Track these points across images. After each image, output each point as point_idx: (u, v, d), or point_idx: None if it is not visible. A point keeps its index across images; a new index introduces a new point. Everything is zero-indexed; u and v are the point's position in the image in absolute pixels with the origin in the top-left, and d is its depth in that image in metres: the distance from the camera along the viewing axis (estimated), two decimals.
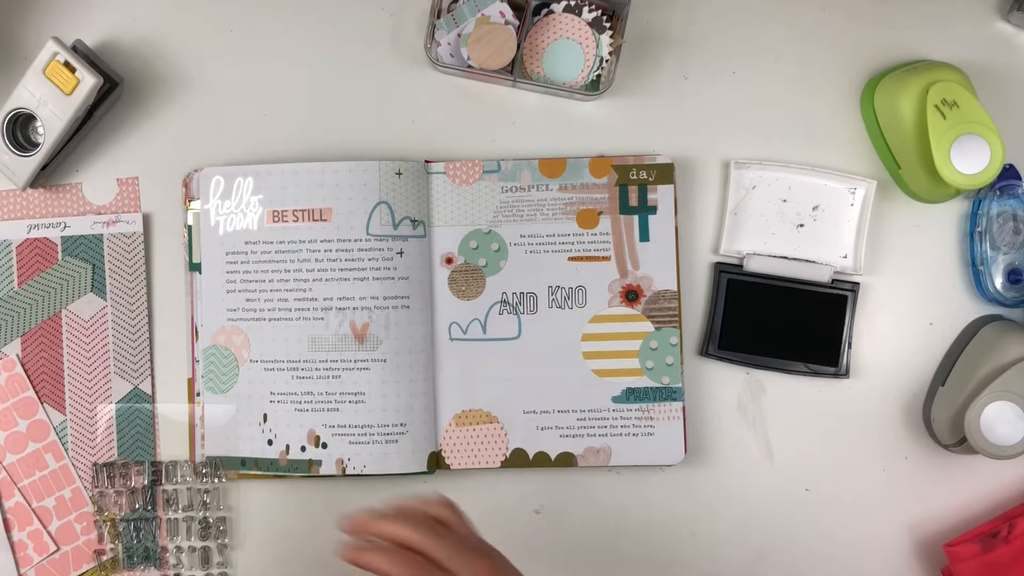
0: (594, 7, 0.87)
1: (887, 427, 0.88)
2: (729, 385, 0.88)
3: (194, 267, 0.87)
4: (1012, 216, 0.86)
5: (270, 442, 0.86)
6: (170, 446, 0.87)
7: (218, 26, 0.89)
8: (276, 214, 0.86)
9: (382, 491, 0.87)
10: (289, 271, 0.86)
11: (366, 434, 0.85)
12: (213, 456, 0.86)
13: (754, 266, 0.87)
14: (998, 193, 0.86)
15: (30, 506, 0.86)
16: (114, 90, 0.86)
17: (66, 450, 0.87)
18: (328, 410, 0.86)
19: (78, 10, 0.89)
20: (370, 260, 0.86)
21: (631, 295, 0.87)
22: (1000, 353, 0.83)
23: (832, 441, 0.88)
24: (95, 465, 0.86)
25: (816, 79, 0.89)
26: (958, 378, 0.85)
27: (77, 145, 0.88)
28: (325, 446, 0.86)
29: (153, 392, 0.88)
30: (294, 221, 0.86)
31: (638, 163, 0.87)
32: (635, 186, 0.87)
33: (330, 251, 0.86)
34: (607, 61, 0.87)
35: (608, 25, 0.87)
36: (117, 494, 0.86)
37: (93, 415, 0.87)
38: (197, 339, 0.87)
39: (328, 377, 0.86)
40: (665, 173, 0.87)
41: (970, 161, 0.80)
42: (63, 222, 0.88)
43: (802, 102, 0.88)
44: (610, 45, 0.87)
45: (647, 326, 0.87)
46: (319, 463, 0.86)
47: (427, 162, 0.88)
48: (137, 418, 0.87)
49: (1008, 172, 0.86)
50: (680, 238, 0.87)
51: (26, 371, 0.87)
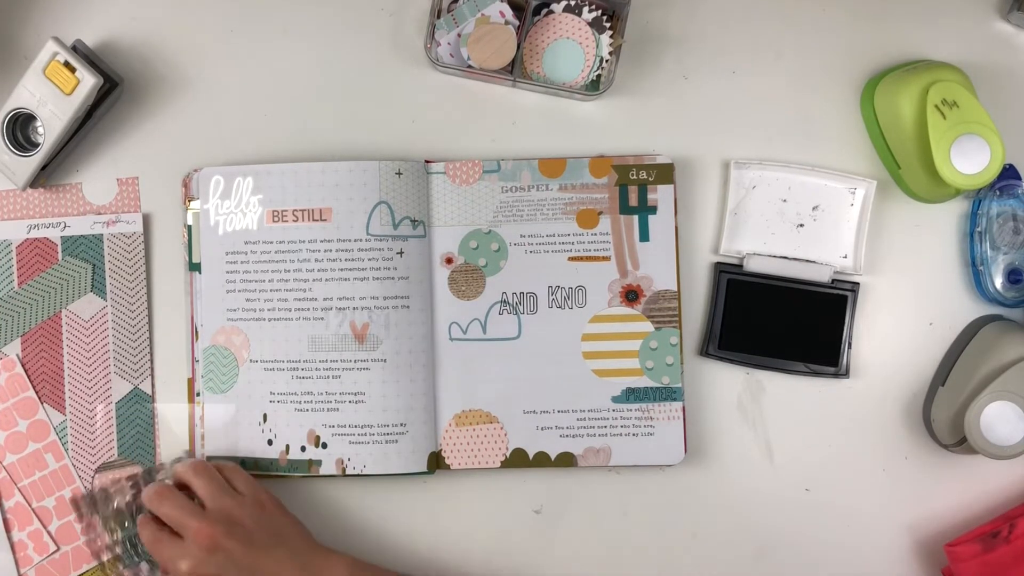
0: (594, 7, 0.87)
1: (887, 427, 0.88)
2: (729, 385, 0.88)
3: (194, 267, 0.87)
4: (1012, 216, 0.86)
5: (270, 442, 0.86)
6: (170, 446, 0.87)
7: (218, 26, 0.89)
8: (276, 214, 0.86)
9: (382, 491, 0.87)
10: (289, 271, 0.86)
11: (366, 434, 0.85)
12: (213, 456, 0.86)
13: (754, 266, 0.87)
14: (998, 193, 0.86)
15: (30, 506, 0.86)
16: (114, 90, 0.86)
17: (66, 450, 0.87)
18: (328, 410, 0.86)
19: (78, 10, 0.89)
20: (370, 260, 0.86)
21: (631, 295, 0.87)
22: (1000, 353, 0.83)
23: (832, 441, 0.88)
24: (88, 492, 0.86)
25: (816, 79, 0.89)
26: (958, 378, 0.85)
27: (77, 145, 0.88)
28: (325, 446, 0.86)
29: (153, 392, 0.88)
30: (294, 221, 0.86)
31: (638, 163, 0.87)
32: (635, 186, 0.87)
33: (330, 251, 0.86)
34: (607, 61, 0.87)
35: (608, 25, 0.87)
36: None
37: (93, 415, 0.87)
38: (197, 339, 0.87)
39: (328, 377, 0.86)
40: (665, 173, 0.87)
41: (970, 161, 0.80)
42: (63, 222, 0.88)
43: (802, 102, 0.88)
44: (610, 45, 0.87)
45: (647, 326, 0.87)
46: (319, 463, 0.86)
47: (427, 162, 0.88)
48: (137, 418, 0.87)
49: (1008, 172, 0.86)
50: (680, 238, 0.87)
51: (26, 371, 0.87)
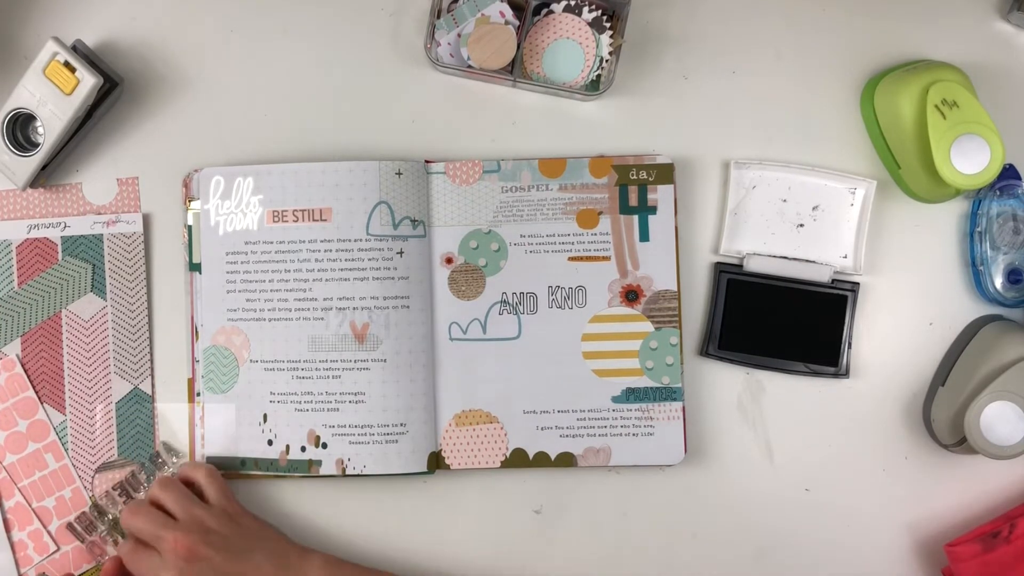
0: (594, 7, 0.87)
1: (887, 427, 0.88)
2: (729, 385, 0.88)
3: (194, 267, 0.87)
4: (1012, 216, 0.86)
5: (270, 442, 0.86)
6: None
7: (218, 26, 0.89)
8: (276, 214, 0.86)
9: (382, 491, 0.87)
10: (289, 271, 0.86)
11: (366, 434, 0.85)
12: (213, 456, 0.86)
13: (754, 266, 0.87)
14: (998, 193, 0.86)
15: (30, 506, 0.86)
16: (114, 90, 0.86)
17: (66, 450, 0.87)
18: (328, 410, 0.86)
19: (78, 10, 0.89)
20: (370, 260, 0.86)
21: (631, 295, 0.87)
22: (1000, 353, 0.83)
23: (832, 441, 0.88)
24: (92, 501, 0.86)
25: (816, 79, 0.89)
26: (958, 378, 0.85)
27: (77, 145, 0.88)
28: (325, 446, 0.86)
29: (153, 392, 0.88)
30: (294, 221, 0.86)
31: (638, 163, 0.87)
32: (635, 186, 0.87)
33: (330, 251, 0.86)
34: (607, 61, 0.87)
35: (608, 25, 0.87)
36: (117, 493, 0.86)
37: (93, 415, 0.87)
38: (197, 339, 0.87)
39: (328, 377, 0.86)
40: (665, 173, 0.87)
41: (970, 161, 0.80)
42: (63, 222, 0.88)
43: (802, 102, 0.88)
44: (610, 45, 0.87)
45: (647, 326, 0.87)
46: (319, 463, 0.86)
47: (427, 162, 0.88)
48: (137, 418, 0.87)
49: (1008, 172, 0.86)
50: (680, 238, 0.87)
51: (26, 371, 0.87)
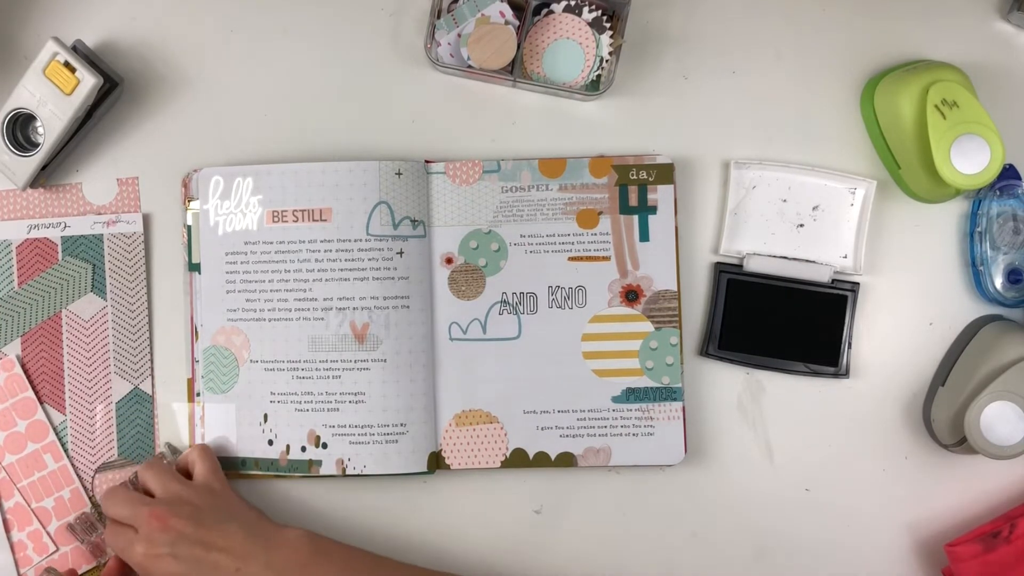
0: (594, 7, 0.87)
1: (887, 427, 0.88)
2: (729, 385, 0.88)
3: (194, 267, 0.87)
4: (1012, 216, 0.86)
5: (270, 442, 0.86)
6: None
7: (218, 26, 0.89)
8: (276, 214, 0.86)
9: (382, 491, 0.87)
10: (289, 271, 0.86)
11: (366, 434, 0.85)
12: None
13: (754, 266, 0.87)
14: (998, 193, 0.86)
15: (29, 506, 0.86)
16: (114, 90, 0.86)
17: (66, 450, 0.87)
18: (328, 410, 0.86)
19: (78, 10, 0.89)
20: (370, 260, 0.86)
21: (631, 295, 0.87)
22: (1000, 353, 0.83)
23: (832, 441, 0.88)
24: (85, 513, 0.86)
25: (816, 79, 0.89)
26: (958, 378, 0.85)
27: (77, 145, 0.88)
28: (325, 446, 0.86)
29: (153, 392, 0.88)
30: (294, 221, 0.86)
31: (638, 163, 0.87)
32: (635, 186, 0.87)
33: (330, 251, 0.86)
34: (607, 61, 0.87)
35: (608, 25, 0.87)
36: None
37: (93, 415, 0.87)
38: (197, 339, 0.87)
39: (328, 377, 0.86)
40: (665, 173, 0.87)
41: (970, 161, 0.80)
42: (63, 222, 0.88)
43: (802, 101, 0.88)
44: (610, 45, 0.87)
45: (647, 326, 0.87)
46: (319, 463, 0.86)
47: (427, 162, 0.88)
48: (137, 418, 0.87)
49: (1008, 172, 0.86)
50: (680, 238, 0.87)
51: (26, 371, 0.87)
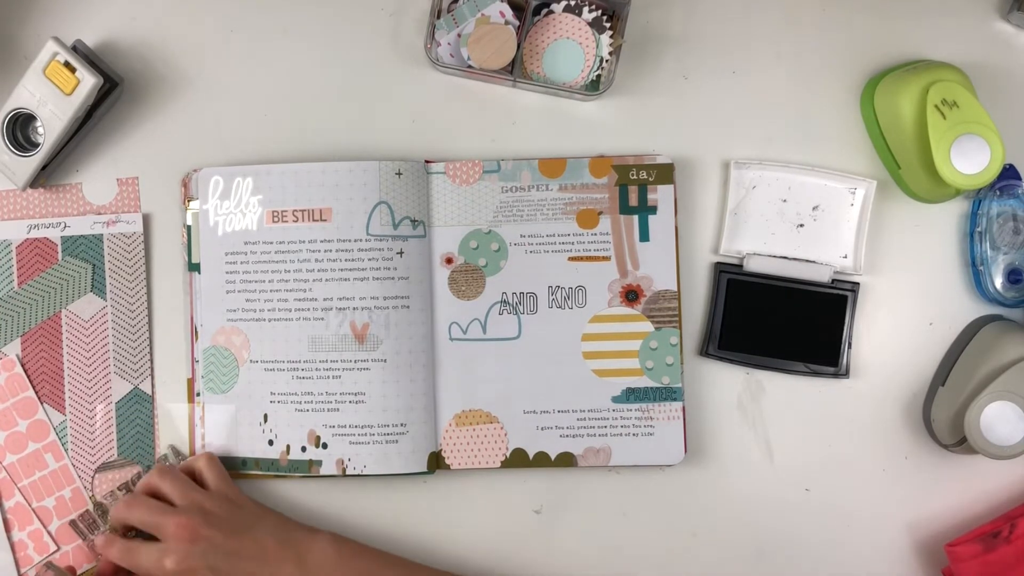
0: (594, 7, 0.87)
1: (887, 427, 0.88)
2: (729, 385, 0.88)
3: (193, 267, 0.87)
4: (1012, 216, 0.86)
5: (270, 442, 0.86)
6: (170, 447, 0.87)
7: (218, 26, 0.89)
8: (276, 214, 0.86)
9: (382, 491, 0.87)
10: (289, 271, 0.86)
11: (366, 434, 0.85)
12: None
13: (754, 266, 0.87)
14: (998, 193, 0.86)
15: (30, 506, 0.86)
16: (114, 90, 0.86)
17: (66, 450, 0.87)
18: (328, 410, 0.86)
19: (78, 10, 0.89)
20: (370, 260, 0.86)
21: (631, 295, 0.87)
22: (1000, 353, 0.83)
23: (832, 441, 0.88)
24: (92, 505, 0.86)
25: (816, 79, 0.89)
26: (958, 378, 0.85)
27: (77, 145, 0.88)
28: (325, 446, 0.86)
29: (153, 392, 0.88)
30: (294, 221, 0.86)
31: (638, 163, 0.87)
32: (635, 186, 0.87)
33: (330, 251, 0.86)
34: (607, 61, 0.87)
35: (608, 25, 0.87)
36: (118, 491, 0.86)
37: (93, 415, 0.87)
38: (197, 339, 0.87)
39: (328, 377, 0.86)
40: (665, 173, 0.87)
41: (970, 161, 0.80)
42: (63, 222, 0.88)
43: (802, 102, 0.88)
44: (610, 45, 0.87)
45: (647, 326, 0.87)
46: (319, 463, 0.86)
47: (427, 162, 0.88)
48: (137, 418, 0.87)
49: (1008, 172, 0.86)
50: (680, 238, 0.87)
51: (26, 371, 0.87)
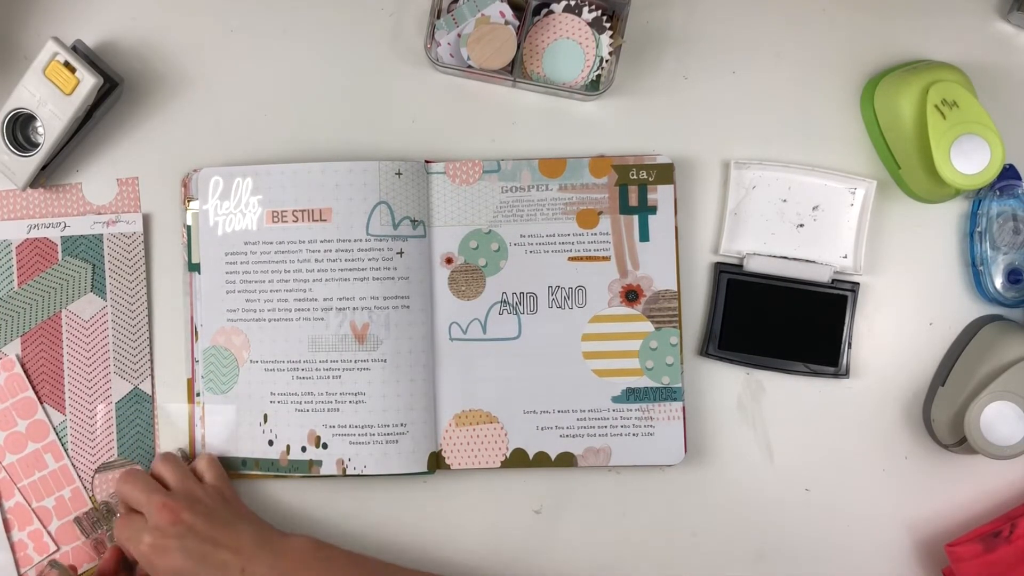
0: (594, 7, 0.87)
1: (887, 427, 0.88)
2: (729, 385, 0.88)
3: (193, 267, 0.87)
4: (1012, 216, 0.86)
5: (271, 442, 0.86)
6: (170, 447, 0.87)
7: (218, 26, 0.89)
8: (276, 214, 0.86)
9: (382, 491, 0.87)
10: (289, 271, 0.86)
11: (366, 434, 0.85)
12: None
13: (754, 266, 0.87)
14: (998, 193, 0.86)
15: (30, 506, 0.86)
16: (114, 90, 0.86)
17: (66, 450, 0.87)
18: (328, 410, 0.86)
19: (78, 10, 0.89)
20: (370, 260, 0.86)
21: (631, 295, 0.87)
22: (1000, 353, 0.83)
23: (832, 441, 0.88)
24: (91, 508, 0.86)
25: (816, 79, 0.89)
26: (958, 378, 0.85)
27: (77, 145, 0.88)
28: (326, 446, 0.86)
29: (153, 392, 0.88)
30: (294, 221, 0.86)
31: (638, 163, 0.87)
32: (635, 186, 0.87)
33: (330, 251, 0.86)
34: (607, 61, 0.87)
35: (608, 25, 0.87)
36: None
37: (93, 415, 0.87)
38: (197, 339, 0.87)
39: (328, 377, 0.86)
40: (665, 173, 0.87)
41: (970, 161, 0.80)
42: (63, 222, 0.88)
43: (802, 102, 0.88)
44: (610, 45, 0.87)
45: (647, 326, 0.87)
46: (319, 463, 0.86)
47: (427, 162, 0.88)
48: (137, 418, 0.87)
49: (1008, 172, 0.86)
50: (680, 238, 0.87)
51: (26, 371, 0.87)
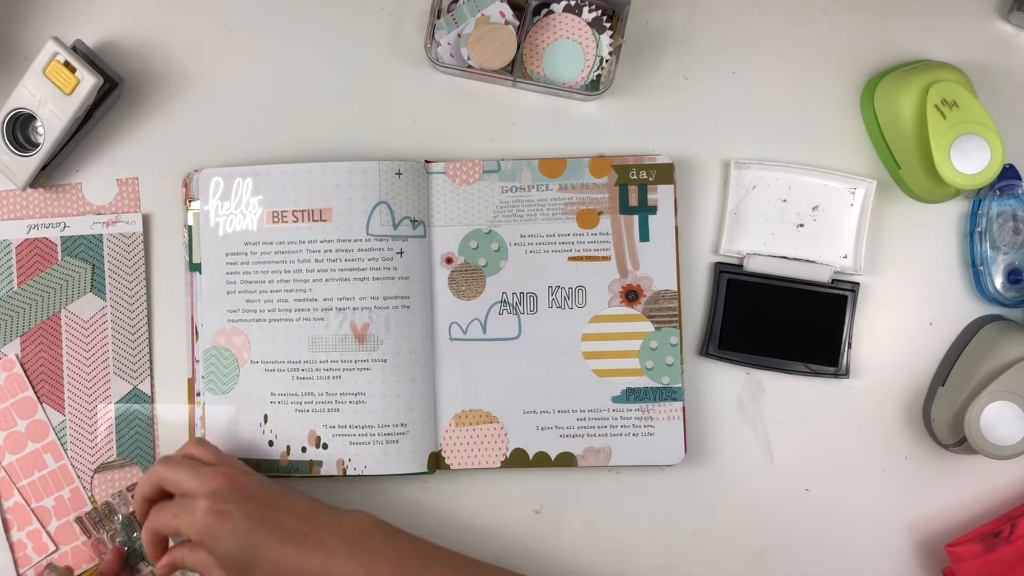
0: (594, 7, 0.87)
1: (887, 427, 0.88)
2: (729, 385, 0.88)
3: (194, 267, 0.87)
4: (1012, 216, 0.87)
5: (271, 443, 0.86)
6: (170, 447, 0.87)
7: (218, 26, 0.89)
8: (276, 214, 0.86)
9: (383, 491, 0.87)
10: (289, 272, 0.86)
11: (367, 434, 0.85)
12: None
13: (754, 266, 0.87)
14: (998, 193, 0.86)
15: (29, 506, 0.86)
16: (114, 90, 0.86)
17: (65, 450, 0.87)
18: (329, 411, 0.86)
19: (78, 10, 0.89)
20: (370, 260, 0.86)
21: (631, 295, 0.87)
22: (1000, 353, 0.83)
23: (832, 441, 0.88)
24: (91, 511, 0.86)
25: (816, 79, 0.89)
26: (958, 378, 0.85)
27: (77, 145, 0.88)
28: (326, 447, 0.86)
29: (153, 392, 0.88)
30: (294, 221, 0.86)
31: (638, 163, 0.87)
32: (635, 186, 0.87)
33: (330, 251, 0.86)
34: (607, 61, 0.87)
35: (608, 25, 0.87)
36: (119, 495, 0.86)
37: (92, 415, 0.87)
38: (197, 339, 0.87)
39: (328, 378, 0.86)
40: (665, 173, 0.87)
41: (970, 161, 0.80)
42: (63, 222, 0.88)
43: (802, 102, 0.89)
44: (610, 45, 0.87)
45: (647, 326, 0.87)
46: (320, 464, 0.86)
47: (427, 162, 0.87)
48: (137, 419, 0.87)
49: (1008, 172, 0.86)
50: (680, 238, 0.87)
51: (25, 371, 0.87)
